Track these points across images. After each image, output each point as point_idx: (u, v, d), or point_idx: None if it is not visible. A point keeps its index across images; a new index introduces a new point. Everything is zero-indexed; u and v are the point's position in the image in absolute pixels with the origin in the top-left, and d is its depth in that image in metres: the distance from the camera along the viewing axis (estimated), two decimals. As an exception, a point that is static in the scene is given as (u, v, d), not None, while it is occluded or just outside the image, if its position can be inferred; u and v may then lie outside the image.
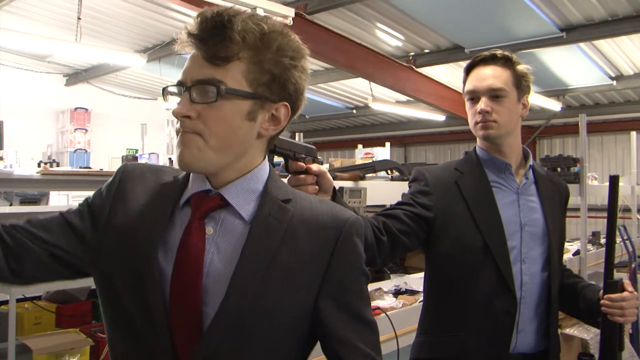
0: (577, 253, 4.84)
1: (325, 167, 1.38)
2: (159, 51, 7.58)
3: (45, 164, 7.07)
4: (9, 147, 7.09)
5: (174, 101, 1.08)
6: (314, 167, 1.37)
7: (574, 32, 6.37)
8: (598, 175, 6.95)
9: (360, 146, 6.32)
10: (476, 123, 1.79)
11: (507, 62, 1.80)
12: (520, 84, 1.80)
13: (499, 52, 1.80)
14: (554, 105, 8.76)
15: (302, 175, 1.36)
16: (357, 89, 9.74)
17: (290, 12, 2.42)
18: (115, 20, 6.74)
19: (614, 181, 1.76)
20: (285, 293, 1.04)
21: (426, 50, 7.65)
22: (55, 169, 6.10)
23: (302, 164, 1.36)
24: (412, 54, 7.75)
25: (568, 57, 7.38)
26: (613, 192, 1.75)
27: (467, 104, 1.83)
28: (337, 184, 2.49)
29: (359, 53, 7.03)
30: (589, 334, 3.74)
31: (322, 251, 1.08)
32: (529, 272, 1.75)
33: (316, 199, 1.15)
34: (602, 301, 1.67)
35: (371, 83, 8.22)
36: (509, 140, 1.82)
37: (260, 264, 1.03)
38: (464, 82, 1.84)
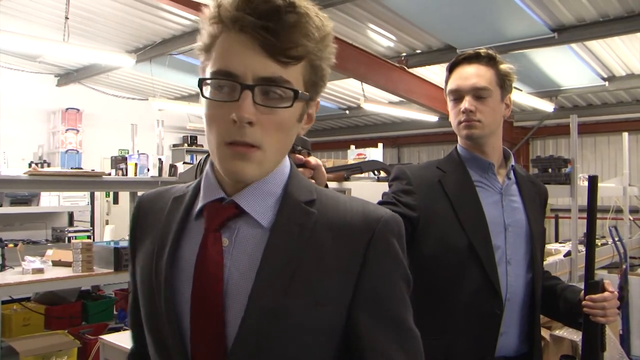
0: (568, 254, 4.83)
1: (320, 162, 1.36)
2: (149, 51, 7.54)
3: (36, 164, 7.04)
4: (0, 148, 7.06)
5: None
6: (312, 160, 1.35)
7: (566, 33, 6.36)
8: (590, 176, 6.94)
9: (353, 147, 6.33)
10: (459, 122, 1.77)
11: (490, 61, 1.78)
12: (504, 83, 1.78)
13: (482, 50, 1.79)
14: (547, 106, 8.76)
15: (301, 169, 1.30)
16: (350, 89, 9.71)
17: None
18: (105, 20, 6.69)
19: (592, 182, 1.75)
20: (311, 308, 0.93)
21: (418, 51, 7.63)
22: (44, 169, 6.07)
23: (300, 156, 1.33)
24: (404, 54, 7.73)
25: (560, 58, 7.38)
26: (592, 193, 1.74)
27: (450, 104, 1.81)
28: (322, 184, 2.47)
29: (351, 54, 7.01)
30: (579, 336, 3.73)
31: (352, 257, 0.96)
32: (514, 273, 1.73)
33: (345, 197, 1.04)
34: (583, 302, 1.67)
35: (363, 84, 8.20)
36: (491, 140, 1.80)
37: (281, 277, 0.92)
38: (447, 81, 1.83)
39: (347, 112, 11.52)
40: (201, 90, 0.92)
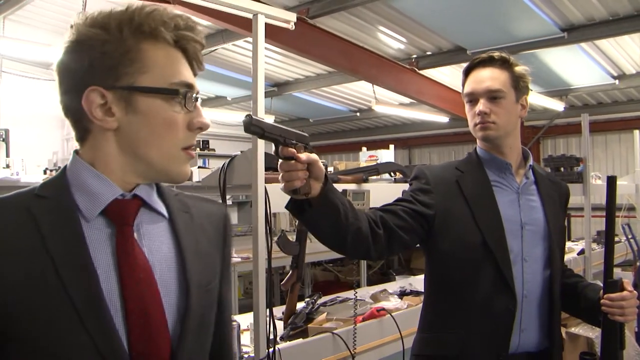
0: (581, 252, 4.85)
1: (315, 155, 1.40)
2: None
3: (51, 171, 7.12)
4: (15, 155, 7.13)
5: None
6: (303, 156, 1.37)
7: (575, 32, 6.37)
8: (602, 175, 6.94)
9: (364, 149, 6.34)
10: (475, 124, 1.83)
11: (504, 64, 1.83)
12: (518, 84, 1.83)
13: (496, 54, 1.84)
14: (557, 105, 8.76)
15: (292, 161, 1.35)
16: (361, 92, 9.75)
17: (292, 17, 2.43)
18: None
19: (611, 182, 1.78)
20: (214, 280, 1.11)
21: (428, 53, 7.66)
22: (61, 175, 6.14)
23: (292, 150, 1.35)
24: (415, 56, 7.77)
25: (570, 57, 7.39)
26: (611, 193, 1.77)
27: (467, 106, 1.86)
28: (341, 186, 2.52)
29: (362, 56, 7.05)
30: (594, 333, 3.75)
31: (219, 238, 1.16)
32: (530, 270, 1.77)
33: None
34: (602, 300, 1.70)
35: (374, 86, 8.24)
36: (508, 141, 1.85)
37: (198, 258, 1.05)
38: (463, 85, 1.88)
39: (358, 114, 11.55)
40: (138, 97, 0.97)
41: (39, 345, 0.87)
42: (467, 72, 1.88)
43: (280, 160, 1.37)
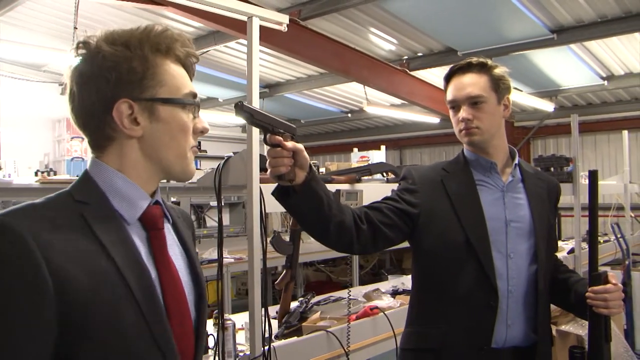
0: (571, 251, 4.90)
1: (300, 145, 1.50)
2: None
3: (43, 172, 7.09)
4: (7, 157, 7.11)
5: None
6: (289, 144, 1.45)
7: (565, 34, 6.43)
8: (592, 175, 6.99)
9: (355, 150, 6.37)
10: (460, 130, 1.89)
11: (483, 68, 1.88)
12: (499, 87, 1.87)
13: (474, 59, 1.89)
14: (547, 106, 8.83)
15: (279, 148, 1.44)
16: (352, 93, 9.79)
17: (285, 18, 2.46)
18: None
19: (593, 176, 1.83)
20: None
21: (419, 54, 7.71)
22: (53, 177, 6.13)
23: (279, 137, 1.44)
24: (406, 57, 7.81)
25: (559, 58, 7.45)
26: (593, 187, 1.82)
27: (450, 113, 1.93)
28: (334, 186, 2.55)
29: (353, 58, 7.08)
30: (584, 330, 3.79)
31: (192, 235, 1.27)
32: (515, 267, 1.82)
33: None
34: (586, 294, 1.74)
35: (366, 87, 8.27)
36: (493, 142, 1.90)
37: (195, 256, 1.20)
38: (445, 91, 1.94)
39: (350, 115, 11.59)
40: (158, 105, 1.08)
41: (111, 338, 0.96)
42: (447, 79, 1.94)
43: (267, 147, 1.46)
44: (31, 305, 0.90)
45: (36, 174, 6.66)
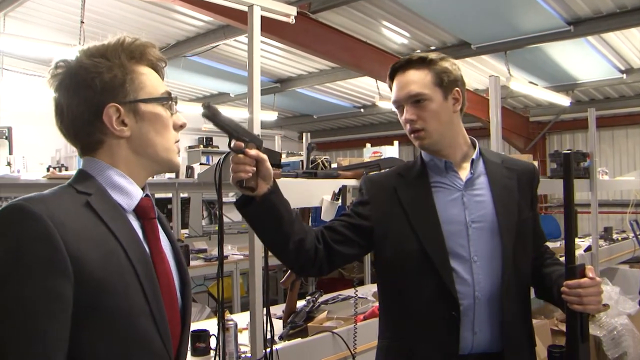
0: (588, 249, 4.79)
1: (265, 156, 1.52)
2: (164, 54, 7.41)
3: (54, 168, 7.11)
4: (18, 153, 7.13)
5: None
6: (252, 151, 1.48)
7: (582, 26, 6.29)
8: (609, 170, 6.87)
9: (368, 145, 6.29)
10: (409, 133, 1.78)
11: (423, 64, 1.76)
12: (443, 81, 1.75)
13: (415, 55, 1.78)
14: (563, 101, 8.68)
15: (241, 155, 1.48)
16: (364, 87, 9.70)
17: (292, 10, 2.38)
18: (120, 23, 6.72)
19: (566, 158, 1.68)
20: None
21: (432, 47, 7.59)
22: (63, 173, 6.12)
23: (240, 143, 1.47)
24: (418, 51, 7.70)
25: (576, 51, 7.30)
26: (567, 169, 1.67)
27: (397, 113, 1.81)
28: (341, 182, 2.47)
29: (365, 51, 7.00)
30: (594, 331, 3.70)
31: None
32: (481, 271, 1.69)
33: None
34: (562, 289, 1.61)
35: (378, 81, 8.19)
36: (446, 142, 1.78)
37: (179, 250, 1.30)
38: (391, 90, 1.82)
39: (362, 110, 11.50)
40: (141, 105, 1.18)
41: (116, 312, 1.04)
42: (390, 78, 1.83)
43: (231, 153, 1.51)
44: (53, 283, 0.97)
45: (48, 169, 6.68)
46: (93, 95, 1.13)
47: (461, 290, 1.66)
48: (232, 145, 1.49)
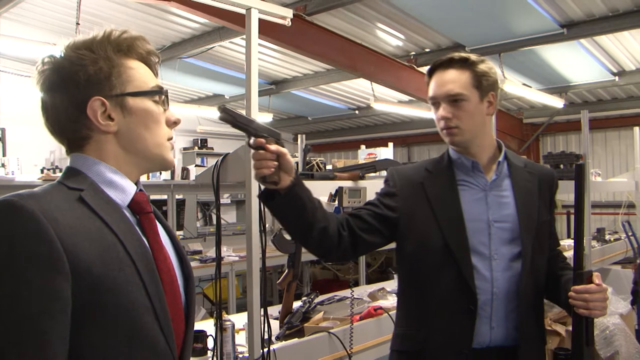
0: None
1: (285, 149, 1.54)
2: (160, 55, 7.57)
3: (48, 170, 7.09)
4: (12, 154, 7.11)
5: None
6: (272, 146, 1.50)
7: (575, 28, 6.33)
8: (602, 172, 6.91)
9: (363, 147, 6.32)
10: (441, 129, 1.83)
11: (464, 64, 1.81)
12: (481, 84, 1.80)
13: (456, 54, 1.82)
14: (556, 102, 8.72)
15: (262, 151, 1.49)
16: (359, 89, 9.72)
17: (289, 13, 2.40)
18: (115, 25, 6.61)
19: (579, 170, 1.74)
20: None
21: (427, 50, 7.63)
22: (57, 175, 6.12)
23: (261, 139, 1.49)
24: (413, 53, 7.73)
25: (569, 54, 7.35)
26: (579, 180, 1.73)
27: (432, 110, 1.86)
28: (337, 184, 2.49)
29: (360, 53, 7.02)
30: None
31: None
32: (500, 268, 1.76)
33: None
34: (569, 293, 1.67)
35: (373, 83, 8.21)
36: (476, 142, 1.84)
37: (181, 245, 1.26)
38: (427, 86, 1.87)
39: (357, 112, 11.51)
40: (129, 99, 1.13)
41: (117, 308, 1.00)
42: (429, 75, 1.87)
43: (252, 150, 1.52)
44: (50, 281, 0.93)
45: (42, 171, 6.66)
46: (77, 89, 1.09)
47: (480, 286, 1.74)
48: (251, 142, 1.50)
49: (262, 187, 1.60)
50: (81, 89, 1.09)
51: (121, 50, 1.14)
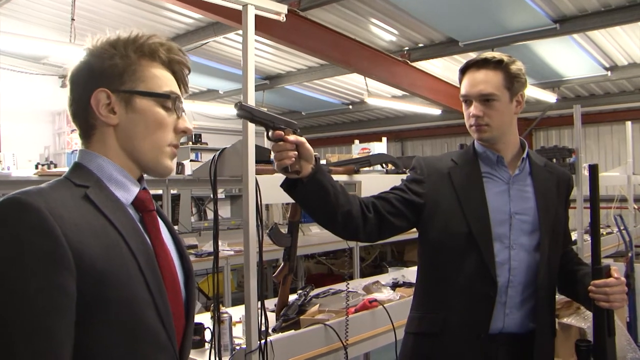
0: (574, 243, 4.85)
1: (303, 138, 1.58)
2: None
3: (43, 165, 7.08)
4: (6, 150, 7.10)
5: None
6: (291, 137, 1.55)
7: (567, 23, 6.37)
8: (594, 166, 6.93)
9: (357, 141, 6.34)
10: (470, 126, 1.90)
11: (498, 65, 1.87)
12: (513, 85, 1.87)
13: (490, 55, 1.89)
14: (549, 97, 8.77)
15: (281, 142, 1.54)
16: (353, 84, 9.74)
17: (283, 8, 2.42)
18: (110, 21, 6.72)
19: (593, 170, 1.83)
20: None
21: (420, 45, 7.65)
22: (52, 170, 6.12)
23: (280, 132, 1.53)
24: (407, 48, 7.76)
25: (562, 49, 7.39)
26: (594, 181, 1.82)
27: (463, 106, 1.94)
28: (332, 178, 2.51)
29: (354, 48, 7.04)
30: (586, 323, 3.77)
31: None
32: (517, 257, 1.84)
33: None
34: (589, 287, 1.76)
35: (366, 78, 8.23)
36: (503, 139, 1.92)
37: (182, 242, 1.28)
38: (460, 83, 1.94)
39: (351, 107, 11.54)
40: (136, 99, 1.16)
41: (120, 304, 1.02)
42: (462, 72, 1.94)
43: (272, 143, 1.55)
44: (56, 277, 0.95)
45: (36, 166, 6.65)
46: (90, 78, 1.15)
47: (497, 273, 1.81)
48: (270, 135, 1.54)
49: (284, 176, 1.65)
50: (94, 79, 1.14)
51: (143, 52, 1.17)
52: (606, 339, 1.75)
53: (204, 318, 2.65)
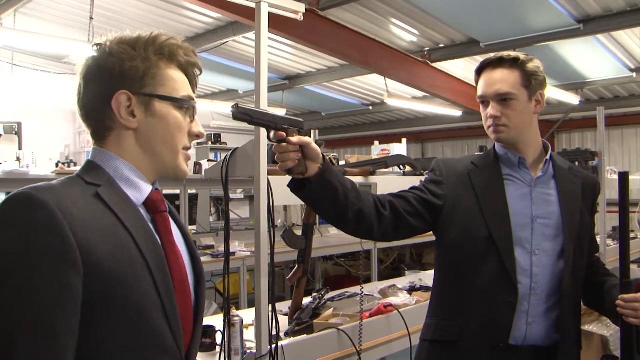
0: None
1: (308, 138, 1.53)
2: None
3: (63, 164, 7.13)
4: (27, 148, 7.16)
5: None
6: (294, 139, 1.49)
7: (591, 24, 6.26)
8: (618, 169, 6.82)
9: (376, 143, 6.30)
10: (488, 127, 1.84)
11: (514, 64, 1.81)
12: (530, 83, 1.81)
13: (506, 54, 1.83)
14: (572, 99, 8.64)
15: (284, 144, 1.48)
16: (373, 85, 9.69)
17: (301, 7, 2.38)
18: (129, 20, 6.75)
19: (623, 177, 1.76)
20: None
21: (441, 45, 7.58)
22: (71, 168, 6.15)
23: (281, 132, 1.48)
24: (427, 49, 7.69)
25: (585, 50, 7.27)
26: (624, 188, 1.74)
27: (480, 107, 1.88)
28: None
29: (373, 49, 6.99)
30: (609, 331, 3.68)
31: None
32: (540, 263, 1.76)
33: None
34: (617, 302, 1.68)
35: (386, 79, 8.17)
36: (523, 139, 1.85)
37: (194, 245, 1.28)
38: (476, 84, 1.88)
39: (371, 107, 11.49)
40: (154, 102, 1.15)
41: (126, 304, 1.01)
42: (478, 73, 1.88)
43: (274, 144, 1.51)
44: (62, 274, 0.94)
45: (57, 165, 6.70)
46: (109, 80, 1.12)
47: (519, 280, 1.74)
48: (271, 136, 1.49)
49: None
50: (113, 80, 1.12)
51: (162, 54, 1.17)
52: (635, 356, 1.68)
53: (218, 320, 2.62)
